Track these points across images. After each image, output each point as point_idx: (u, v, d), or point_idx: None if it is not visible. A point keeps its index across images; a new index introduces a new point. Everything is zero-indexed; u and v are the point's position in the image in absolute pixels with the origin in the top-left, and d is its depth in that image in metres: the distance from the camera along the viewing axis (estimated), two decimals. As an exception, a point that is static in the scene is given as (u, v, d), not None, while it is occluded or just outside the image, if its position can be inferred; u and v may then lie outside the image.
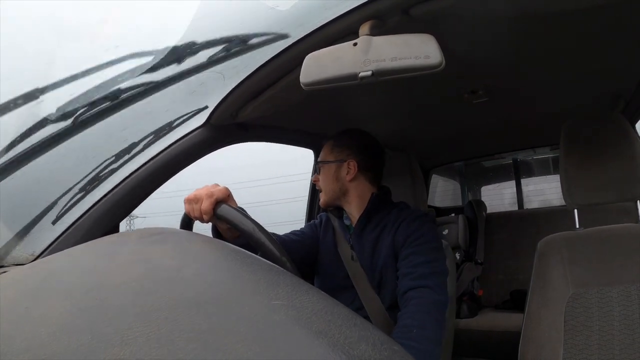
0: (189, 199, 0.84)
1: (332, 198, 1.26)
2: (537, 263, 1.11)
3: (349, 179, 1.24)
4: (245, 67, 0.92)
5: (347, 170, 1.24)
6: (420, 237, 1.12)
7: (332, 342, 0.32)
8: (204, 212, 0.80)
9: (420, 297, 1.02)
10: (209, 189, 0.82)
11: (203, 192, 0.81)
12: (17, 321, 0.36)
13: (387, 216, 1.21)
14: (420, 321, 0.98)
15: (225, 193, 0.82)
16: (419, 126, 1.86)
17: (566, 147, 1.16)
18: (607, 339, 0.96)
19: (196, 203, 0.82)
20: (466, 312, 2.25)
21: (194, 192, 0.84)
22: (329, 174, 1.25)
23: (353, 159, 1.24)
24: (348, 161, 1.24)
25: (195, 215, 0.83)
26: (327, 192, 1.26)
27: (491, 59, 1.16)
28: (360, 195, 1.25)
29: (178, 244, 0.50)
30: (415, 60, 0.60)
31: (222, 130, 1.13)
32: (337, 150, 1.27)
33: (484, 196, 3.33)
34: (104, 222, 0.93)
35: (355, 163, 1.24)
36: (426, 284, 1.03)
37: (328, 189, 1.25)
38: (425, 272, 1.06)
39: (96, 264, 0.46)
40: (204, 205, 0.80)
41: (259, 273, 0.42)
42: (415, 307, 1.01)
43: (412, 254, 1.09)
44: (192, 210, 0.83)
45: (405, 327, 0.98)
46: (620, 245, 1.04)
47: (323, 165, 1.27)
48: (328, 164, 1.26)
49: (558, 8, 0.85)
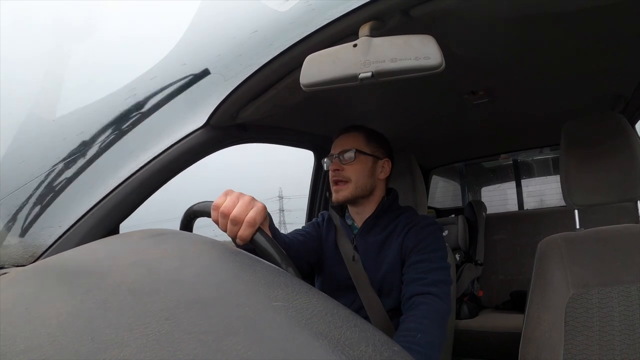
0: (224, 214, 0.74)
1: (360, 192, 1.18)
2: (538, 264, 1.11)
3: (382, 177, 1.22)
4: (246, 69, 0.92)
5: (381, 168, 1.21)
6: (431, 245, 1.11)
7: (332, 342, 0.32)
8: (241, 239, 0.73)
9: (426, 304, 1.01)
10: (249, 214, 0.73)
11: (242, 215, 0.73)
12: (17, 322, 0.36)
13: (394, 220, 1.19)
14: (425, 326, 0.97)
15: (264, 216, 0.75)
16: (419, 127, 1.86)
17: (566, 147, 1.16)
18: (607, 340, 0.96)
19: (234, 225, 0.73)
20: (466, 313, 2.25)
21: (232, 208, 0.74)
22: (366, 167, 1.19)
23: (388, 160, 1.23)
24: (385, 160, 1.22)
25: (229, 235, 0.76)
26: (358, 185, 1.17)
27: (491, 59, 1.16)
28: (379, 197, 1.23)
29: (178, 245, 0.50)
30: (415, 61, 0.60)
31: (223, 131, 1.13)
32: (373, 145, 1.21)
33: (483, 197, 3.33)
34: (105, 223, 0.93)
35: (390, 164, 1.23)
36: (433, 292, 1.02)
37: (361, 181, 1.18)
38: (434, 279, 1.05)
39: (96, 265, 0.47)
40: (244, 232, 0.72)
41: (259, 274, 0.43)
42: (420, 312, 1.00)
43: (422, 261, 1.08)
44: (228, 229, 0.75)
45: (409, 330, 0.97)
46: (620, 246, 1.04)
47: (359, 155, 1.18)
48: (366, 155, 1.19)
49: (558, 9, 0.85)
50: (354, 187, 1.17)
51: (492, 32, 0.98)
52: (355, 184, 1.17)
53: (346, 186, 1.17)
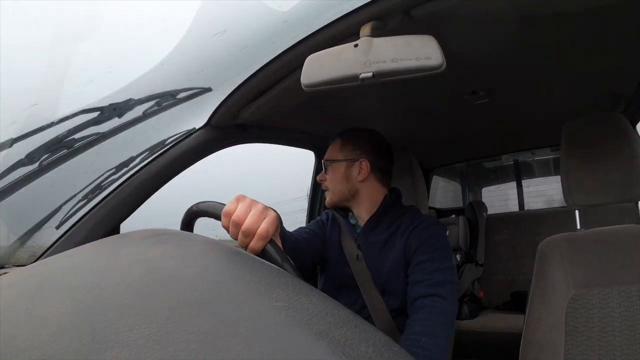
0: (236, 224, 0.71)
1: (340, 199, 1.22)
2: (538, 264, 1.11)
3: (360, 179, 1.21)
4: (247, 69, 0.92)
5: (358, 170, 1.21)
6: (435, 244, 1.10)
7: (332, 343, 0.32)
8: (252, 251, 0.70)
9: (432, 306, 1.00)
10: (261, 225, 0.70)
11: (254, 227, 0.70)
12: (17, 322, 0.36)
13: (398, 219, 1.18)
14: (431, 329, 0.97)
15: (276, 227, 0.73)
16: (420, 127, 1.86)
17: (567, 147, 1.16)
18: (607, 340, 0.96)
19: (246, 237, 0.70)
20: (467, 314, 2.25)
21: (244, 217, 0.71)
22: (338, 174, 1.21)
23: (365, 159, 1.21)
24: (360, 161, 1.21)
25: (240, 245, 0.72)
26: (336, 193, 1.22)
27: (492, 60, 1.16)
28: (371, 197, 1.22)
29: (179, 244, 0.50)
30: (416, 61, 0.59)
31: (223, 132, 1.13)
32: (347, 148, 1.23)
33: (484, 197, 3.33)
34: (105, 224, 0.93)
35: (367, 163, 1.21)
36: (439, 293, 1.02)
37: (337, 189, 1.21)
38: (440, 280, 1.04)
39: (97, 265, 0.47)
40: (256, 245, 0.70)
41: (259, 274, 0.42)
42: (426, 315, 0.99)
43: (427, 261, 1.07)
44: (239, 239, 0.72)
45: (416, 334, 0.96)
46: (620, 246, 1.04)
47: (331, 164, 1.23)
48: (337, 162, 1.22)
49: (559, 9, 0.85)
50: (332, 194, 1.23)
51: (493, 32, 0.98)
52: (333, 192, 1.23)
53: (328, 194, 1.24)
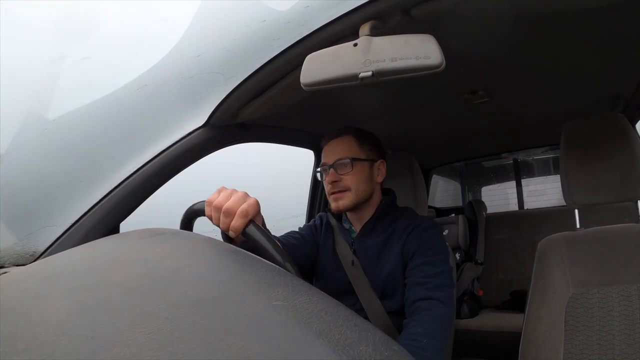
0: (217, 208, 0.75)
1: (360, 200, 1.14)
2: (538, 263, 1.11)
3: (379, 180, 1.18)
4: (246, 68, 0.92)
5: (377, 171, 1.18)
6: (434, 247, 1.09)
7: (332, 342, 0.32)
8: (233, 229, 0.74)
9: (431, 309, 0.99)
10: (242, 206, 0.73)
11: (235, 207, 0.74)
12: (17, 321, 0.36)
13: (394, 222, 1.16)
14: (431, 331, 0.96)
15: (256, 210, 0.75)
16: (419, 126, 1.86)
17: (566, 147, 1.16)
18: (607, 339, 0.96)
19: (226, 217, 0.74)
20: (466, 313, 2.25)
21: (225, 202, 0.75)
22: (364, 174, 1.14)
23: (383, 161, 1.19)
24: (380, 162, 1.19)
25: (222, 227, 0.77)
26: (359, 194, 1.13)
27: (491, 59, 1.16)
28: (377, 199, 1.19)
29: (178, 244, 0.50)
30: (415, 60, 0.59)
31: (223, 131, 1.12)
32: (366, 147, 1.16)
33: (484, 196, 3.33)
34: (105, 223, 0.93)
35: (384, 165, 1.19)
36: (437, 296, 1.01)
37: (360, 189, 1.13)
38: (438, 283, 1.03)
39: (96, 264, 0.46)
40: (237, 223, 0.73)
41: (259, 273, 0.42)
42: (426, 317, 0.98)
43: (425, 264, 1.06)
44: (220, 221, 0.76)
45: (415, 334, 0.96)
46: (620, 245, 1.04)
47: (356, 163, 1.13)
48: (362, 162, 1.14)
49: (558, 8, 0.85)
50: (354, 195, 1.13)
51: (493, 32, 0.97)
52: (355, 192, 1.13)
53: (345, 195, 1.13)
